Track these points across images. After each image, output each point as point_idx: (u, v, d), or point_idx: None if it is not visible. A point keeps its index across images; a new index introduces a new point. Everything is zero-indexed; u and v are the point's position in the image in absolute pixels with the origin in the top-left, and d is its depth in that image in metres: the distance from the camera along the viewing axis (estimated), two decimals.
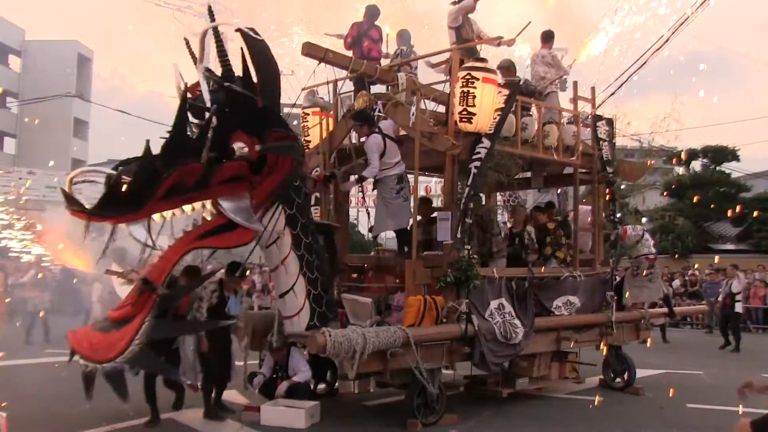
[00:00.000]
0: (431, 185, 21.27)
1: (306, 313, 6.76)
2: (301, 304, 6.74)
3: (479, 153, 7.35)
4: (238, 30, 5.84)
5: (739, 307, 15.21)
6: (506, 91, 7.58)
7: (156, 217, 5.66)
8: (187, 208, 5.85)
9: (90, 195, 5.50)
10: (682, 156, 26.25)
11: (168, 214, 5.77)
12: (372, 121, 7.76)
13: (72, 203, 5.27)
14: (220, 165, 5.80)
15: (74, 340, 5.51)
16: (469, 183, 7.29)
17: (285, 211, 6.56)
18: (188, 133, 5.81)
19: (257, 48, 5.93)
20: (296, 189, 6.70)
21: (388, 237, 9.76)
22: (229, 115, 5.84)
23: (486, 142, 7.38)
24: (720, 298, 15.80)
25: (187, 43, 6.21)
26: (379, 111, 8.08)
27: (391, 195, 7.68)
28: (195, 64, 6.11)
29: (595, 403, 7.87)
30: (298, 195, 6.72)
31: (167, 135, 5.58)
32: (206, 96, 5.85)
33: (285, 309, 6.87)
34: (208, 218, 6.00)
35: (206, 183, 5.70)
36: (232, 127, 5.88)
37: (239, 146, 5.96)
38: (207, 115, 5.73)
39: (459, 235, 7.24)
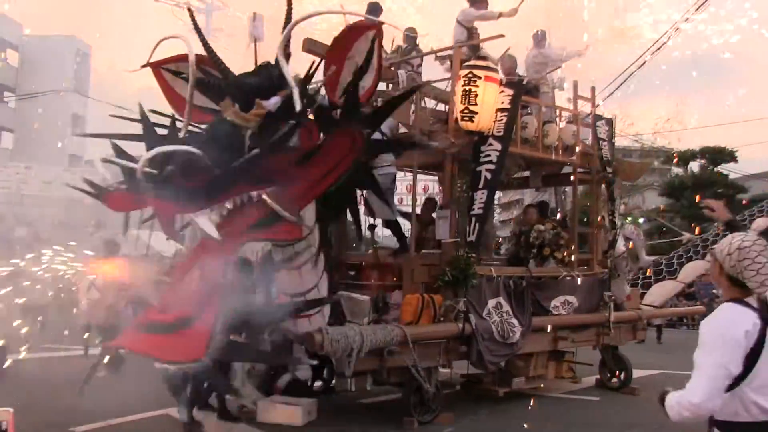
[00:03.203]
0: (429, 183, 21.20)
1: (327, 310, 6.61)
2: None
3: (489, 156, 7.36)
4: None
5: None
6: (509, 91, 7.56)
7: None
8: None
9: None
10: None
11: None
12: None
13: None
14: (276, 154, 5.46)
15: (137, 345, 5.30)
16: (480, 186, 7.29)
17: (317, 206, 6.12)
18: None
19: None
20: None
21: (385, 235, 9.75)
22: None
23: (496, 144, 7.38)
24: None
25: (191, 12, 6.09)
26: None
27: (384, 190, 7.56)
28: (201, 39, 5.70)
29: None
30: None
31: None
32: (290, 81, 5.53)
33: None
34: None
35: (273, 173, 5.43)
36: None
37: None
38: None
39: (474, 239, 7.26)
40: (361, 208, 7.95)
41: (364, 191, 7.12)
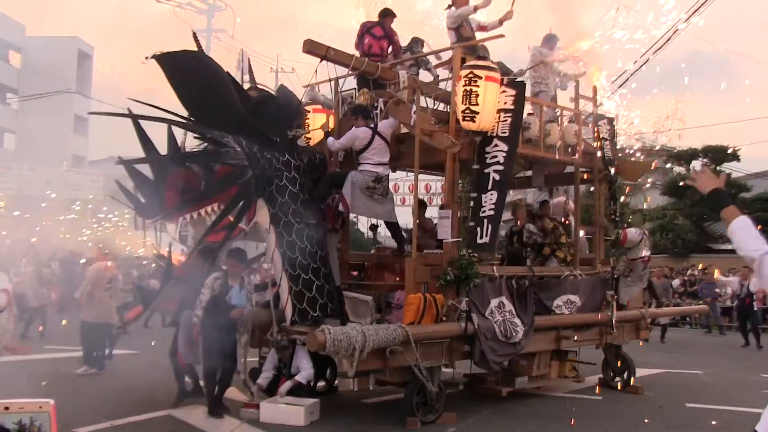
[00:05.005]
0: (431, 183, 21.17)
1: (289, 309, 6.96)
2: (285, 299, 7.00)
3: (496, 157, 7.36)
4: (153, 57, 6.40)
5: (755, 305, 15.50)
6: (511, 91, 7.53)
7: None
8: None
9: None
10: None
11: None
12: (367, 115, 7.73)
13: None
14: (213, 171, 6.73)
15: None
16: (489, 187, 7.30)
17: (269, 209, 6.82)
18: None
19: (176, 68, 6.59)
20: (280, 188, 6.91)
21: (389, 235, 9.75)
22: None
23: (502, 145, 7.37)
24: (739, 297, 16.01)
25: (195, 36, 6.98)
26: (380, 109, 8.07)
27: (362, 187, 7.53)
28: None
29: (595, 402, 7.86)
30: (282, 194, 6.92)
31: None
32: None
33: (280, 301, 7.17)
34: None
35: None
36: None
37: None
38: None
39: (488, 241, 7.29)
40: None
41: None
